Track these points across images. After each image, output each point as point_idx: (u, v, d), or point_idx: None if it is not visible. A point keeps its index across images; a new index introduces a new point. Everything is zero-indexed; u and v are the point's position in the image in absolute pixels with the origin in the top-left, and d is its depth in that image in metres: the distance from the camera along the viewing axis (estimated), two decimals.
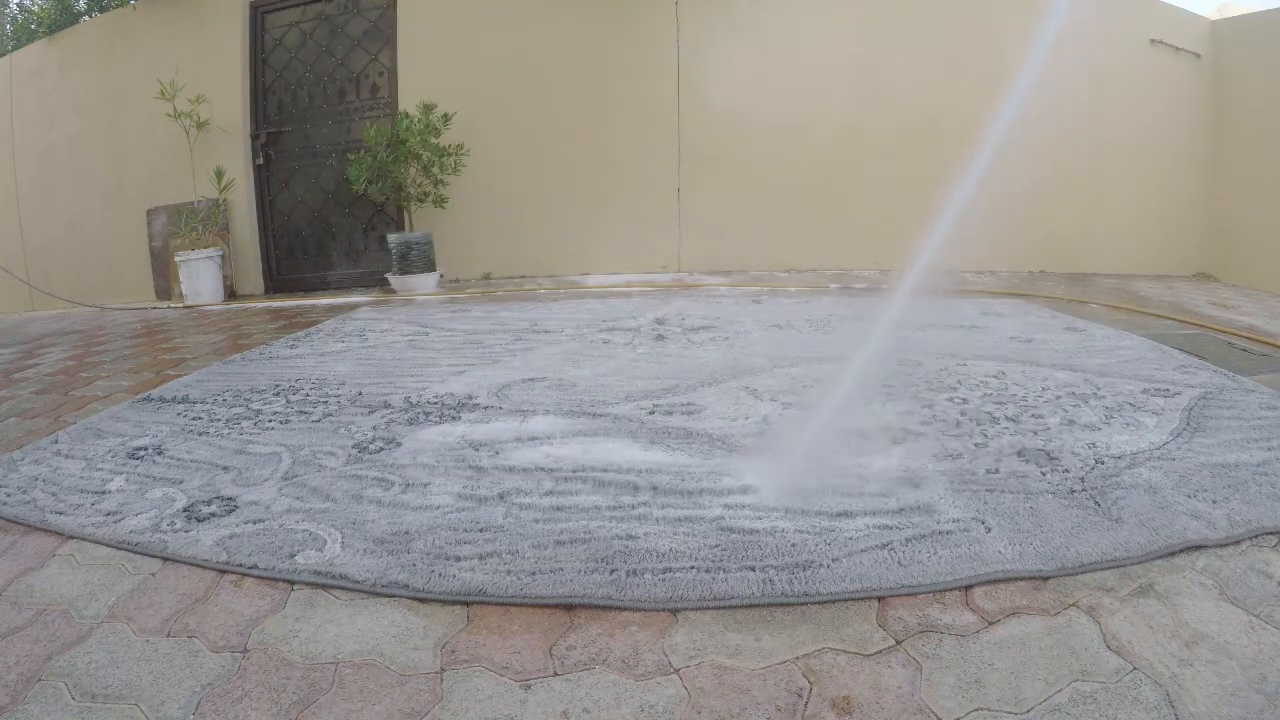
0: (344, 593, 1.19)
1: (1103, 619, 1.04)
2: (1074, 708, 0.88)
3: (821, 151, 4.91)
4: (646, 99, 4.92)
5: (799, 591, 1.12)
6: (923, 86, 4.76)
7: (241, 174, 5.16)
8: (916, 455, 1.61)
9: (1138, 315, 3.32)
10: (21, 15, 7.90)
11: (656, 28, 4.88)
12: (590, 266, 5.07)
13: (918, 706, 0.90)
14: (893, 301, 1.83)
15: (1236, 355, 2.51)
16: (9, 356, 3.31)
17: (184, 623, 1.13)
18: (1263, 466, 1.50)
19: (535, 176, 5.02)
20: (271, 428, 1.96)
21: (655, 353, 2.66)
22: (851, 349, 2.38)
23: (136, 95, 5.24)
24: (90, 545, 1.38)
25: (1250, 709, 0.87)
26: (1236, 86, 4.65)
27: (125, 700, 0.96)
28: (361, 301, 4.44)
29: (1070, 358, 2.44)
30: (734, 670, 0.98)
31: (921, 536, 1.26)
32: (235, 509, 1.47)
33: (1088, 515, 1.32)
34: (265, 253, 5.38)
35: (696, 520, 1.35)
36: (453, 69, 4.97)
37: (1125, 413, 1.86)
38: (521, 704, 0.93)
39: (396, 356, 2.77)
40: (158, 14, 5.39)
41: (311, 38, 5.23)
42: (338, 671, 1.01)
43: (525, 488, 1.51)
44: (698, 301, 3.81)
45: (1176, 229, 4.91)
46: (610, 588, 1.15)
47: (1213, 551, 1.20)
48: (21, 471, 1.73)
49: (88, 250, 5.66)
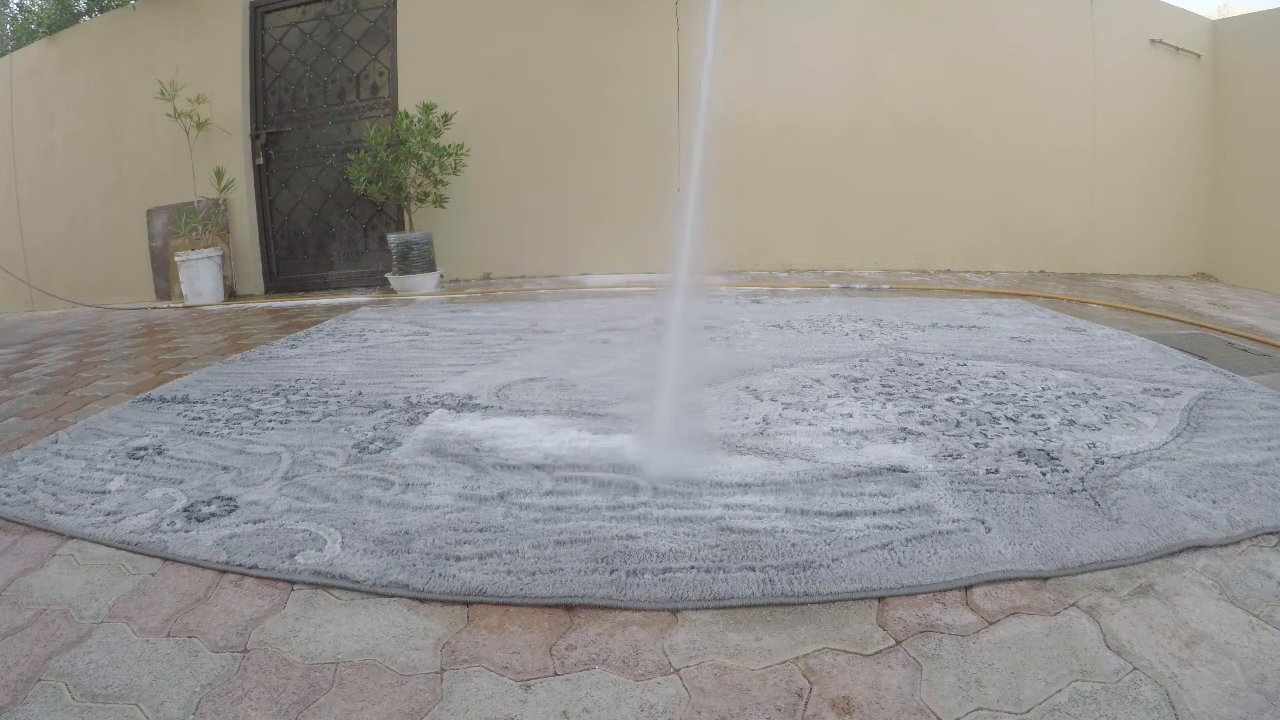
0: (344, 593, 1.19)
1: (1103, 619, 1.04)
2: (1074, 708, 0.88)
3: (821, 151, 4.91)
4: (646, 99, 4.92)
5: (799, 591, 1.12)
6: (923, 86, 4.76)
7: (241, 174, 5.16)
8: (917, 454, 1.61)
9: (1138, 315, 3.32)
10: (21, 15, 7.90)
11: (656, 28, 4.88)
12: (590, 266, 5.07)
13: (918, 706, 0.89)
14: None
15: (1236, 355, 2.51)
16: (9, 356, 3.31)
17: (184, 623, 1.13)
18: (1263, 466, 1.50)
19: (535, 176, 5.02)
20: (271, 428, 1.96)
21: (655, 353, 2.66)
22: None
23: (136, 95, 5.24)
24: (90, 545, 1.38)
25: (1250, 709, 0.87)
26: (1236, 86, 4.65)
27: (125, 700, 0.96)
28: (361, 301, 4.43)
29: (1070, 358, 2.44)
30: (734, 670, 0.98)
31: (921, 536, 1.26)
32: (235, 509, 1.47)
33: (1088, 515, 1.31)
34: (265, 253, 5.38)
35: (696, 520, 1.35)
36: (453, 69, 4.98)
37: (1125, 413, 1.86)
38: (521, 704, 0.93)
39: (396, 356, 2.77)
40: (158, 14, 5.39)
41: (311, 38, 5.23)
42: (338, 671, 1.01)
43: (525, 487, 1.51)
44: (698, 301, 3.80)
45: (1176, 229, 4.91)
46: (610, 588, 1.15)
47: (1213, 551, 1.20)
48: (21, 471, 1.73)
49: (88, 250, 5.66)
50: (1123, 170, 4.83)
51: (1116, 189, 4.83)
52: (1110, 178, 4.82)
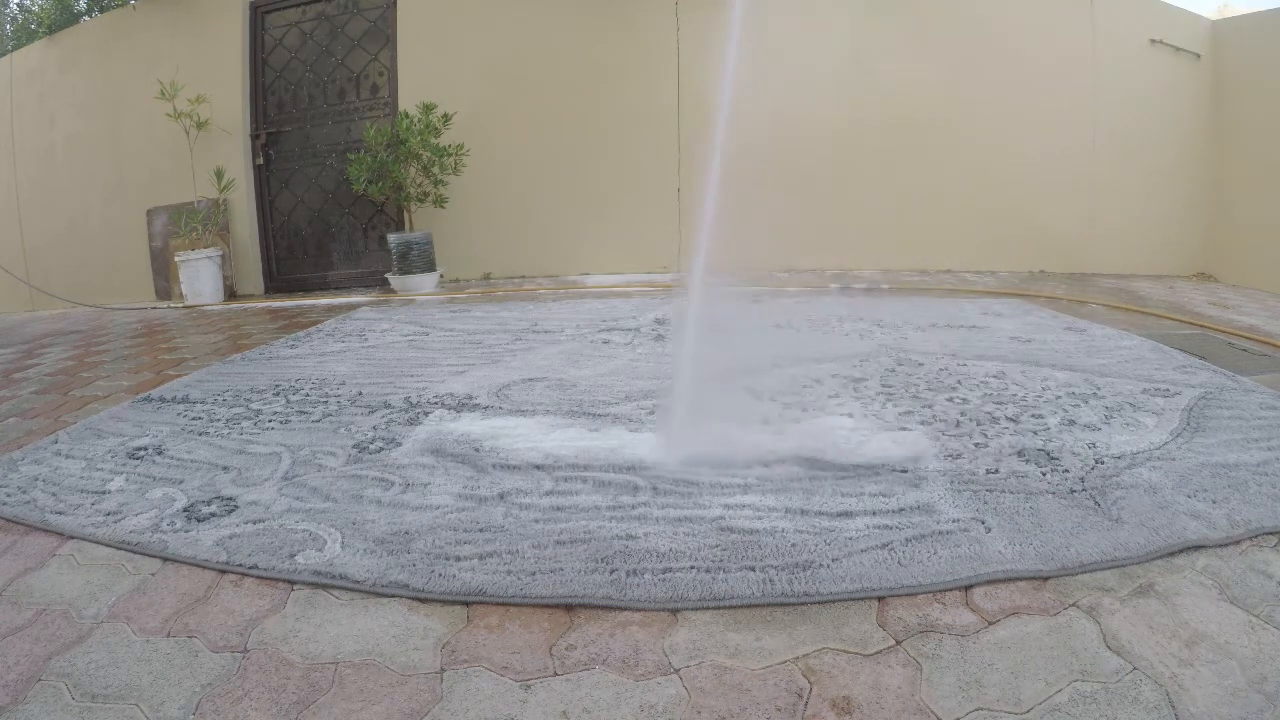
0: (344, 593, 1.19)
1: (1103, 619, 1.04)
2: (1074, 708, 0.88)
3: (821, 151, 4.90)
4: (646, 99, 4.92)
5: (799, 591, 1.12)
6: (923, 86, 4.76)
7: (241, 174, 5.16)
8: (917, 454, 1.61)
9: (1137, 315, 3.32)
10: (21, 15, 7.90)
11: (656, 28, 4.88)
12: (590, 266, 5.07)
13: (918, 706, 0.90)
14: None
15: (1236, 355, 2.51)
16: (9, 356, 3.31)
17: (184, 623, 1.13)
18: (1263, 466, 1.50)
19: (535, 176, 5.02)
20: (271, 428, 1.96)
21: (655, 353, 2.66)
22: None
23: (136, 95, 5.24)
24: (90, 545, 1.38)
25: (1250, 709, 0.87)
26: (1236, 86, 4.64)
27: (125, 700, 0.96)
28: (361, 301, 4.43)
29: (1070, 358, 2.44)
30: (734, 670, 0.98)
31: (921, 536, 1.26)
32: (235, 509, 1.47)
33: (1088, 515, 1.31)
34: (265, 253, 5.38)
35: (696, 520, 1.35)
36: (453, 69, 4.97)
37: (1125, 413, 1.86)
38: (521, 704, 0.93)
39: (396, 356, 2.77)
40: (158, 14, 5.39)
41: (311, 38, 5.23)
42: (338, 671, 1.01)
43: (525, 487, 1.51)
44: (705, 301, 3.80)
45: (1176, 229, 4.90)
46: (610, 588, 1.15)
47: (1213, 551, 1.20)
48: (21, 471, 1.73)
49: (88, 250, 5.66)
50: (1122, 170, 4.82)
51: (1116, 189, 4.83)
52: (1110, 178, 4.82)
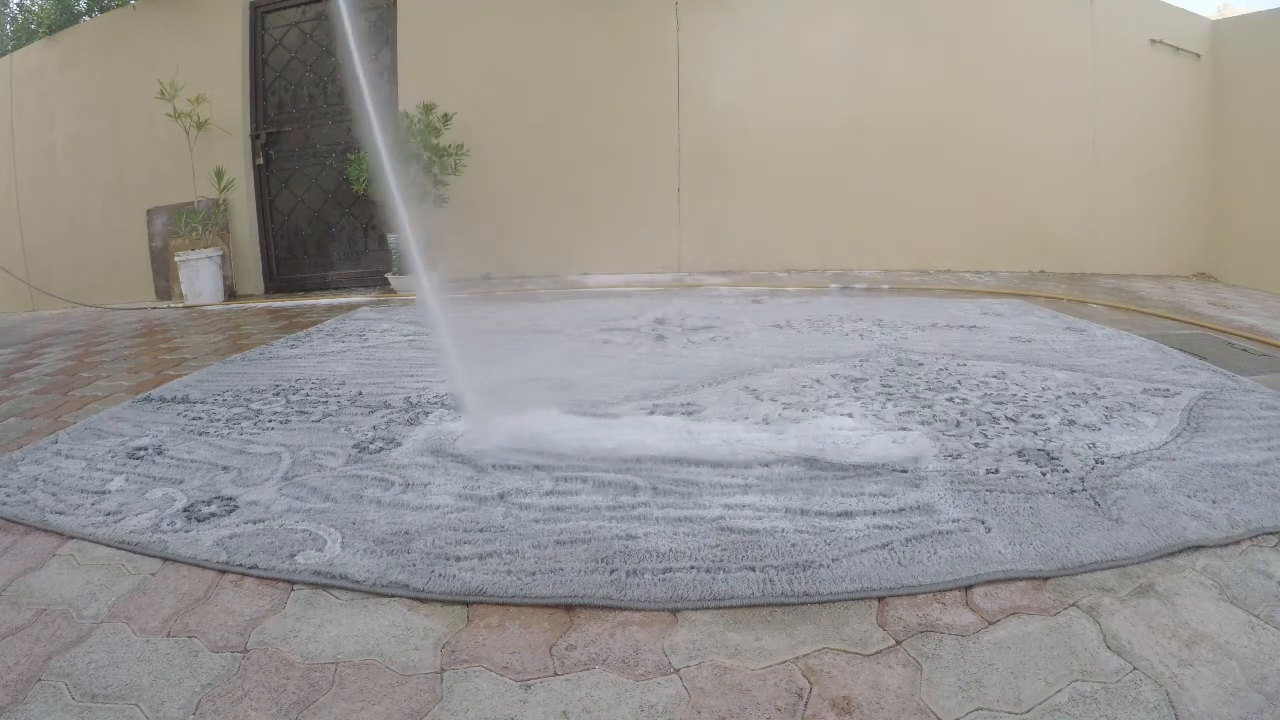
0: (344, 593, 1.18)
1: (1103, 619, 1.04)
2: (1074, 708, 0.88)
3: (821, 151, 4.91)
4: (646, 99, 4.92)
5: (799, 591, 1.12)
6: (923, 86, 4.76)
7: (241, 174, 5.16)
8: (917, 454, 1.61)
9: (1137, 315, 3.32)
10: (21, 15, 7.90)
11: (656, 28, 4.88)
12: (590, 266, 5.07)
13: (918, 706, 0.89)
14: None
15: (1236, 355, 2.51)
16: (9, 356, 3.31)
17: (184, 623, 1.13)
18: (1263, 466, 1.50)
19: (535, 176, 5.02)
20: (271, 428, 1.96)
21: (655, 353, 2.66)
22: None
23: (136, 95, 5.23)
24: (90, 545, 1.37)
25: (1250, 709, 0.87)
26: (1236, 86, 4.64)
27: (125, 700, 0.96)
28: (361, 301, 4.44)
29: (1070, 358, 2.44)
30: (734, 670, 0.98)
31: (921, 536, 1.26)
32: (235, 509, 1.47)
33: (1088, 515, 1.32)
34: (265, 253, 5.37)
35: (696, 520, 1.35)
36: (453, 69, 4.97)
37: (1125, 413, 1.86)
38: (521, 704, 0.93)
39: (396, 356, 2.77)
40: (158, 14, 5.38)
41: (311, 38, 5.23)
42: (338, 671, 1.00)
43: (525, 487, 1.51)
44: (697, 301, 3.80)
45: (1176, 229, 4.90)
46: (610, 588, 1.15)
47: (1213, 551, 1.20)
48: (21, 471, 1.73)
49: (88, 250, 5.66)
50: (1122, 170, 4.83)
51: (1116, 189, 4.83)
52: (1110, 178, 4.82)
